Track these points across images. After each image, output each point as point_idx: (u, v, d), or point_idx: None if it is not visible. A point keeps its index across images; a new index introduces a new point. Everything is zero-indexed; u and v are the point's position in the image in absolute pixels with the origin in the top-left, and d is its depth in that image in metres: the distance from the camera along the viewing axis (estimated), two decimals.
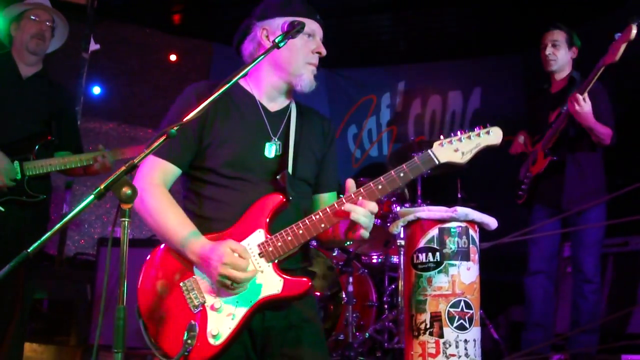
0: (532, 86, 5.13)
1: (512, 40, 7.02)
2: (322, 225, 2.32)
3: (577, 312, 4.59)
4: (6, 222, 3.98)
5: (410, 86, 8.25)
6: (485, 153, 2.49)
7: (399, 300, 4.91)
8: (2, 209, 3.96)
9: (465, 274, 2.87)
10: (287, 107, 2.65)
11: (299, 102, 2.74)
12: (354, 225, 2.34)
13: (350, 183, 2.37)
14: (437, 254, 2.89)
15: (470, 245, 2.92)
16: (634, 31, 4.15)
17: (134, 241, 5.18)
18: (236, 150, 2.46)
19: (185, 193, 2.56)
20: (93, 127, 7.33)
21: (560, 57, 4.82)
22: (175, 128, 1.99)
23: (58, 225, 1.93)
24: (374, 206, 2.31)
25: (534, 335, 4.59)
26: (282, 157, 2.51)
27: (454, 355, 2.82)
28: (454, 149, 2.41)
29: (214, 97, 2.12)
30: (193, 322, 2.28)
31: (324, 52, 2.55)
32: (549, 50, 4.80)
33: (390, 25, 7.50)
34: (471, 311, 2.86)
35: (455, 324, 2.83)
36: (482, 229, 3.02)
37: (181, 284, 2.34)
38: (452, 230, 2.92)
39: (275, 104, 2.62)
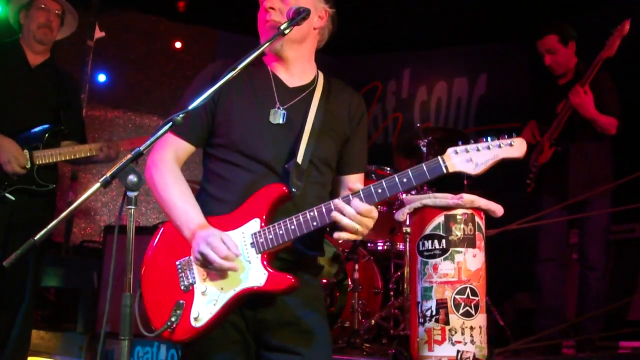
0: (538, 73, 5.13)
1: (519, 26, 6.99)
2: (315, 224, 2.23)
3: (582, 299, 4.65)
4: (16, 211, 4.00)
5: (415, 73, 8.23)
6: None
7: (405, 287, 4.91)
8: (13, 198, 3.98)
9: (471, 261, 2.87)
10: (310, 84, 2.56)
11: (332, 79, 2.64)
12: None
13: (355, 182, 2.26)
14: (443, 241, 2.89)
15: (476, 232, 2.92)
16: (627, 27, 4.27)
17: (141, 229, 5.18)
18: (244, 126, 2.42)
19: (203, 171, 2.55)
20: (98, 115, 7.33)
21: (562, 60, 4.80)
22: (181, 116, 2.00)
23: (65, 214, 1.94)
24: (365, 209, 2.16)
25: (546, 321, 4.65)
26: (296, 136, 2.42)
27: (459, 342, 2.83)
28: (468, 159, 2.19)
29: (217, 86, 2.14)
30: (181, 301, 2.30)
31: (265, 5, 2.42)
32: (549, 60, 4.79)
33: (395, 11, 7.46)
34: (477, 298, 2.86)
35: (461, 311, 2.83)
36: (488, 215, 3.02)
37: (177, 262, 2.37)
38: (458, 217, 2.92)
39: (294, 79, 2.54)
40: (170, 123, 2.01)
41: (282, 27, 2.28)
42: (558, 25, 4.86)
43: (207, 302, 2.28)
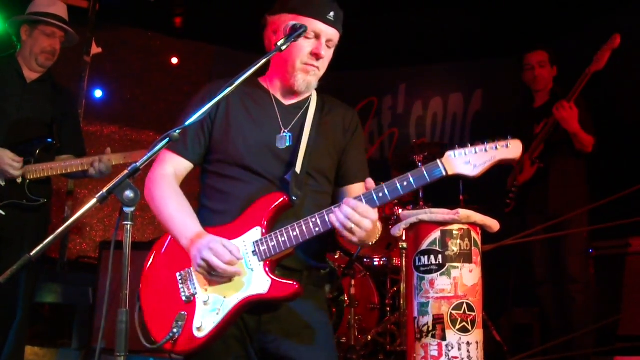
0: (525, 91, 5.32)
1: (513, 42, 7.02)
2: (317, 230, 2.27)
3: (569, 314, 4.72)
4: (7, 226, 3.98)
5: (411, 88, 8.25)
6: None
7: (401, 302, 4.91)
8: (3, 213, 3.96)
9: (467, 276, 2.87)
10: (306, 100, 2.63)
11: (324, 95, 2.70)
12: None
13: (369, 184, 2.27)
14: (440, 256, 2.88)
15: (473, 248, 2.91)
16: (618, 40, 4.45)
17: (137, 244, 5.16)
18: (246, 143, 2.47)
19: (201, 188, 2.58)
20: (94, 130, 7.33)
21: (547, 75, 5.06)
22: (178, 132, 2.01)
23: (61, 230, 1.93)
24: (363, 208, 2.18)
25: (554, 341, 4.76)
26: (293, 149, 2.48)
27: (456, 357, 2.82)
28: (466, 161, 2.24)
29: (214, 102, 2.15)
30: (183, 312, 2.31)
31: (321, 54, 2.46)
32: (537, 72, 5.03)
33: (391, 27, 7.49)
34: (473, 313, 2.86)
35: (457, 327, 2.83)
36: (484, 231, 3.02)
37: (177, 274, 2.38)
38: (454, 232, 2.91)
39: (290, 98, 2.61)
40: (167, 139, 2.01)
41: (279, 44, 2.30)
42: (548, 47, 5.14)
43: (210, 311, 2.29)
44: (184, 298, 2.33)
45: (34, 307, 4.28)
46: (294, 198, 2.36)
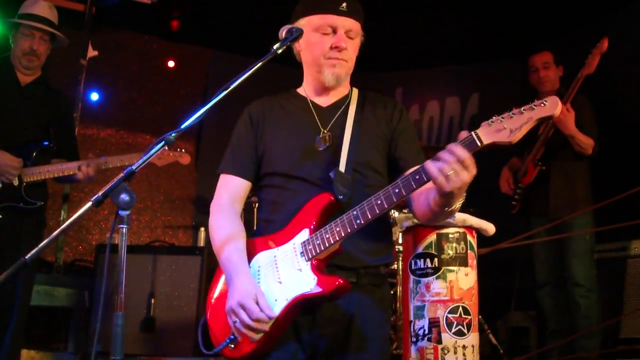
0: (530, 92, 5.30)
1: (510, 45, 7.04)
2: (358, 222, 2.24)
3: (572, 317, 4.74)
4: (3, 228, 3.98)
5: (408, 92, 8.24)
6: (485, 157, 2.36)
7: (398, 306, 4.90)
8: (0, 216, 3.96)
9: (463, 280, 2.88)
10: (344, 99, 2.65)
11: (365, 91, 2.73)
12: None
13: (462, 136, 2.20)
14: (435, 259, 2.89)
15: (468, 251, 2.92)
16: (606, 44, 4.48)
17: (132, 247, 5.17)
18: (287, 150, 2.51)
19: (258, 204, 2.65)
20: (91, 133, 7.31)
21: (552, 76, 5.06)
22: (173, 135, 2.02)
23: (56, 233, 1.93)
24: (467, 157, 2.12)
25: (553, 343, 4.79)
26: (335, 148, 2.48)
27: None
28: (500, 128, 2.11)
29: (210, 105, 2.15)
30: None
31: (341, 45, 2.50)
32: (543, 73, 5.05)
33: (387, 30, 7.49)
34: (469, 317, 2.86)
35: (453, 330, 2.83)
36: (480, 234, 3.02)
37: None
38: (450, 235, 2.92)
39: (327, 99, 2.63)
40: (163, 142, 2.02)
41: (274, 47, 2.31)
42: (553, 47, 5.14)
43: None
44: None
45: (29, 310, 4.26)
46: (340, 197, 2.36)
